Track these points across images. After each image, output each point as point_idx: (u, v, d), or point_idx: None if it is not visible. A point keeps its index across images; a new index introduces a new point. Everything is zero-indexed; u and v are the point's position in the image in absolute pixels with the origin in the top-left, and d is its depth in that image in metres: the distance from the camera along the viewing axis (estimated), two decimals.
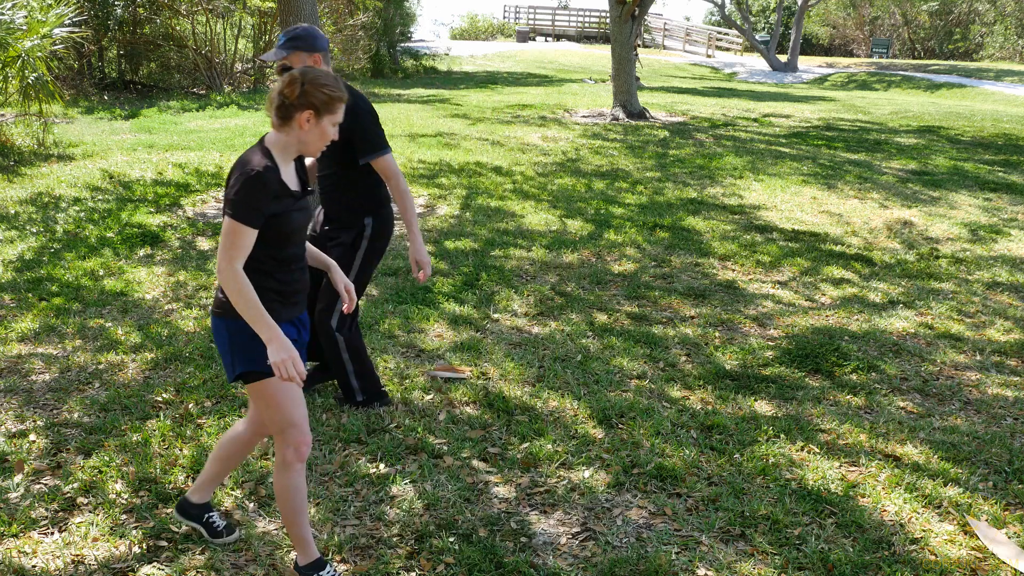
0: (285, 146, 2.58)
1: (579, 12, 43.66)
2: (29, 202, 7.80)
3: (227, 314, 2.58)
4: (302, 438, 2.65)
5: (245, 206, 2.45)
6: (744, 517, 3.19)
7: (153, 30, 18.85)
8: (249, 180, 2.46)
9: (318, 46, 3.46)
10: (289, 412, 2.62)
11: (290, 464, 2.65)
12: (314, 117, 2.53)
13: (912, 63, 33.22)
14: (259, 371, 2.57)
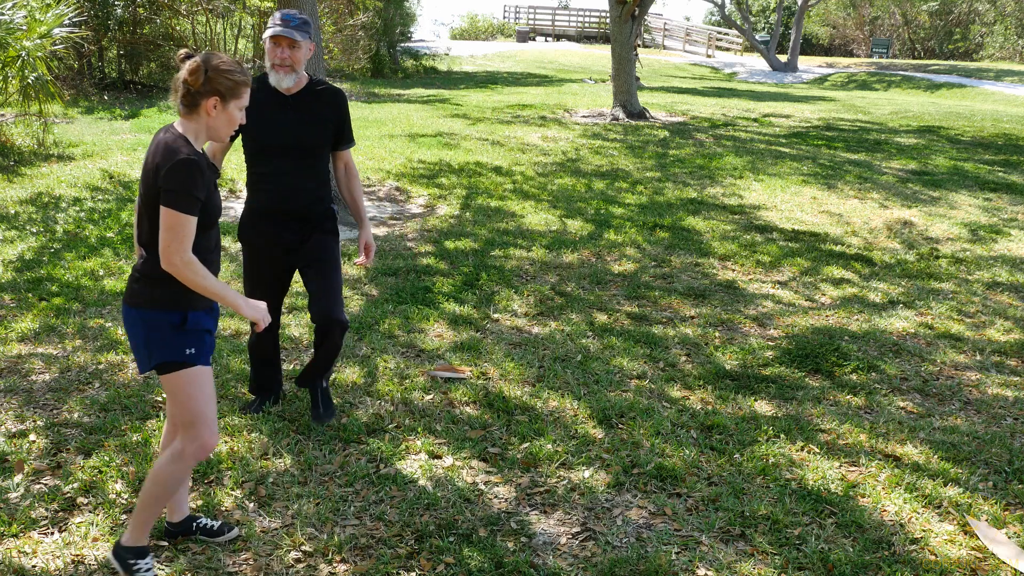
0: (196, 133, 2.59)
1: (579, 12, 43.66)
2: (29, 202, 7.80)
3: (144, 305, 2.57)
4: (210, 437, 2.64)
5: (187, 195, 2.46)
6: (744, 517, 3.19)
7: (153, 30, 18.85)
8: (185, 168, 2.46)
9: (314, 36, 3.57)
10: (202, 406, 2.62)
11: (186, 459, 2.64)
12: (220, 103, 2.55)
13: (912, 63, 33.22)
14: (177, 361, 2.58)
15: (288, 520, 3.15)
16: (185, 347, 2.59)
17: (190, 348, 2.61)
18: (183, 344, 2.59)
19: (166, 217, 2.47)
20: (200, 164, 2.50)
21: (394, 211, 8.12)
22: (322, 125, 3.55)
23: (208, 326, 2.69)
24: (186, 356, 2.59)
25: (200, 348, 2.64)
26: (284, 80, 3.44)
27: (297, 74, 3.46)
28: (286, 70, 3.43)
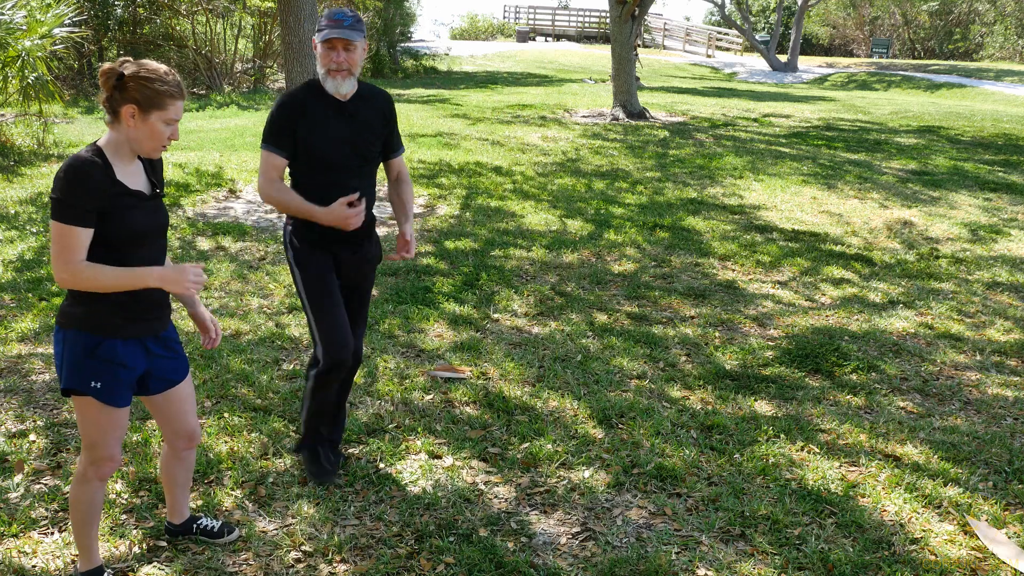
0: (117, 145, 2.40)
1: (579, 12, 43.65)
2: (29, 202, 7.80)
3: (65, 324, 2.46)
4: (109, 463, 2.57)
5: (65, 204, 2.28)
6: (744, 517, 3.19)
7: (153, 30, 18.86)
8: (68, 176, 2.29)
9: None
10: (101, 435, 2.52)
11: (89, 480, 2.60)
12: (138, 112, 2.35)
13: (912, 63, 33.23)
14: (80, 391, 2.46)
15: (288, 520, 3.15)
16: (91, 379, 2.44)
17: (96, 381, 2.45)
18: (90, 375, 2.44)
19: (52, 228, 2.32)
20: (86, 171, 2.29)
21: None
22: (375, 132, 3.22)
23: (129, 362, 2.50)
24: (90, 388, 2.45)
25: (108, 383, 2.46)
26: (343, 85, 3.09)
27: (355, 77, 3.12)
28: (344, 75, 3.08)
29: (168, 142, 2.44)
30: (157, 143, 2.42)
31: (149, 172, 2.53)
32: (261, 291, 5.70)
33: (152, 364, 2.59)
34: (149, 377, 2.61)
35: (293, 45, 7.23)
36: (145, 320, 2.53)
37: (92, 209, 2.31)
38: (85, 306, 2.43)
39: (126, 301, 2.45)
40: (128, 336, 2.49)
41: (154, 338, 2.58)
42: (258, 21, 20.00)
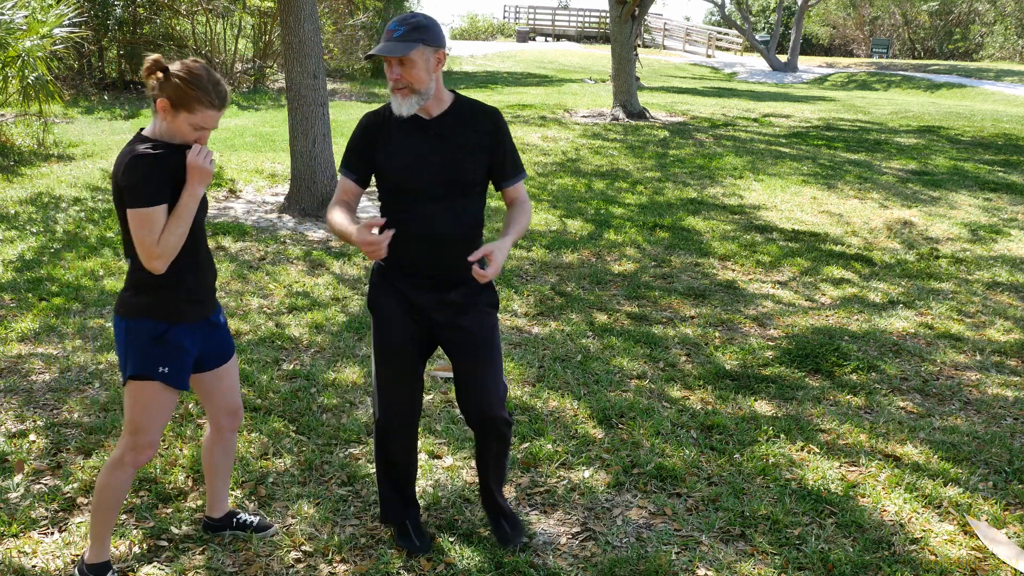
0: (161, 134, 2.50)
1: (579, 12, 43.65)
2: (29, 202, 7.80)
3: (127, 315, 2.53)
4: (150, 449, 2.62)
5: (143, 188, 2.37)
6: (744, 517, 3.19)
7: (153, 30, 18.85)
8: (135, 162, 2.38)
9: (443, 41, 2.67)
10: (151, 421, 2.58)
11: (124, 465, 2.64)
12: (170, 108, 2.44)
13: (912, 63, 33.22)
14: (149, 375, 2.53)
15: (288, 520, 3.15)
16: (159, 365, 2.52)
17: (164, 366, 2.53)
18: (158, 360, 2.52)
19: (131, 218, 2.40)
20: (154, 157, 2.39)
21: None
22: (472, 155, 2.71)
23: (190, 346, 2.59)
24: (158, 374, 2.53)
25: (175, 369, 2.55)
26: (403, 105, 2.63)
27: (421, 95, 2.63)
28: (403, 93, 2.62)
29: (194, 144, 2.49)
30: (184, 140, 2.49)
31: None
32: (261, 291, 5.70)
33: (206, 344, 2.68)
34: (204, 358, 2.70)
35: (293, 45, 7.22)
36: (202, 302, 2.63)
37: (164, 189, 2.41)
38: (151, 295, 2.51)
39: (190, 286, 2.56)
40: (191, 320, 2.59)
41: (205, 320, 2.68)
42: (258, 21, 19.99)
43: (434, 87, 2.65)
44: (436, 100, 2.69)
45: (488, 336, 2.82)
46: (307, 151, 7.50)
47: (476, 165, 2.72)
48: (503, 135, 2.76)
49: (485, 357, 2.81)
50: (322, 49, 7.45)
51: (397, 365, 2.83)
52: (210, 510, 3.01)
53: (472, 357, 2.81)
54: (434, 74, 2.63)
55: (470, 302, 2.79)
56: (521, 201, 2.84)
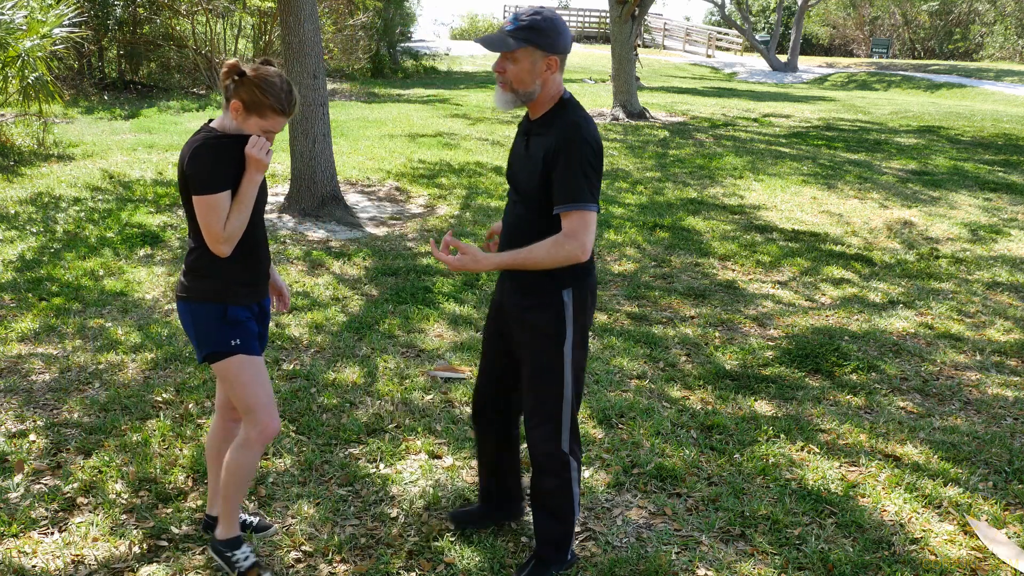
0: (227, 129, 2.58)
1: (579, 12, 43.62)
2: (29, 202, 7.80)
3: (191, 298, 2.62)
4: (269, 420, 2.67)
5: (208, 175, 2.47)
6: (744, 517, 3.19)
7: (153, 30, 18.85)
8: (201, 151, 2.48)
9: (560, 47, 2.50)
10: (254, 391, 2.65)
11: (252, 444, 2.69)
12: (242, 110, 2.53)
13: (912, 63, 33.22)
14: (223, 351, 2.62)
15: (288, 520, 3.15)
16: (230, 338, 2.62)
17: (235, 339, 2.62)
18: (228, 336, 2.62)
19: (197, 204, 2.50)
20: (215, 144, 2.49)
21: (394, 211, 8.12)
22: (533, 164, 2.56)
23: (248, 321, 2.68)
24: (231, 347, 2.62)
25: (244, 338, 2.64)
26: (499, 98, 2.57)
27: (518, 94, 2.53)
28: (503, 86, 2.54)
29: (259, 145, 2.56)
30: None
31: None
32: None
33: (259, 327, 2.78)
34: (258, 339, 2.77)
35: (293, 45, 7.22)
36: (256, 286, 2.71)
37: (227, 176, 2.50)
38: (208, 278, 2.61)
39: (246, 270, 2.65)
40: (245, 303, 2.68)
41: (259, 305, 2.76)
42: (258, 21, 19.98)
43: (540, 91, 2.53)
44: (540, 104, 2.57)
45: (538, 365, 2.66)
46: (307, 151, 7.50)
47: (533, 175, 2.55)
48: (564, 154, 2.47)
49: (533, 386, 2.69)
50: (322, 49, 7.44)
51: (483, 363, 2.91)
52: (210, 507, 3.02)
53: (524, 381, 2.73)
54: (540, 79, 2.50)
55: (518, 316, 2.68)
56: (558, 235, 2.49)
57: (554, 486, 2.73)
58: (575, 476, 2.74)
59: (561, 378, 2.65)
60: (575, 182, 2.46)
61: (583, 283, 2.64)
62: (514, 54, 2.47)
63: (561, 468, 2.71)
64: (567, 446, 2.70)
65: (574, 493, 2.76)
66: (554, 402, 2.66)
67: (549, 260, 2.49)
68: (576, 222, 2.47)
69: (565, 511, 2.76)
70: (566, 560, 2.83)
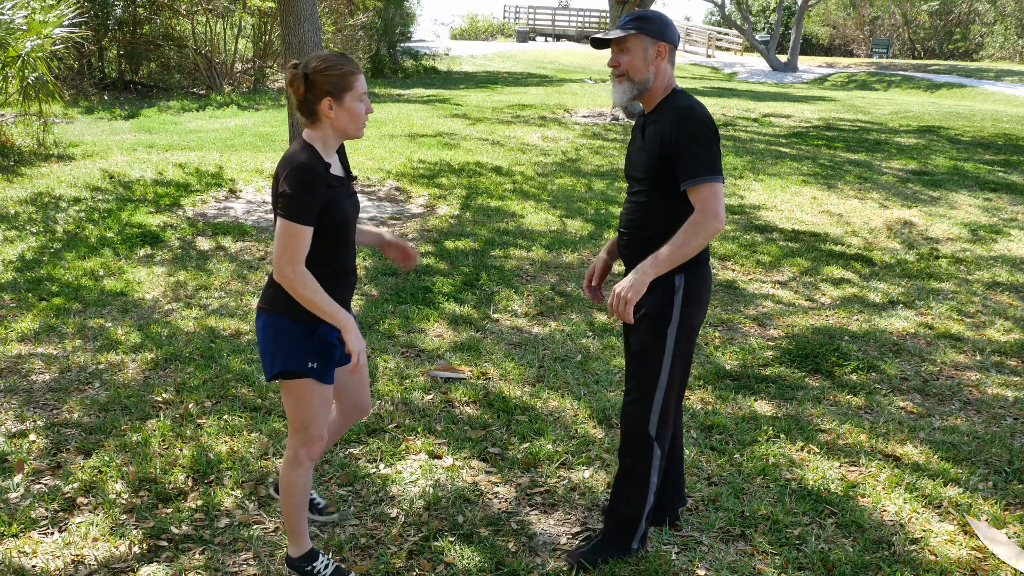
0: (324, 139, 2.53)
1: (579, 12, 43.64)
2: (29, 202, 7.80)
3: (274, 311, 2.56)
4: (319, 442, 2.68)
5: (299, 204, 2.40)
6: (744, 517, 3.19)
7: (153, 30, 18.85)
8: (300, 175, 2.41)
9: (668, 35, 2.64)
10: (316, 415, 2.63)
11: (301, 462, 2.68)
12: (334, 102, 2.48)
13: (912, 63, 33.22)
14: (298, 372, 2.56)
15: None
16: (308, 360, 2.56)
17: (313, 362, 2.56)
18: (307, 356, 2.55)
19: (280, 226, 2.43)
20: (316, 170, 2.43)
21: (394, 211, 8.13)
22: (650, 153, 2.65)
23: (337, 343, 2.63)
24: (307, 369, 2.56)
25: (324, 364, 2.59)
26: (617, 92, 2.70)
27: (636, 83, 2.64)
28: (619, 79, 2.66)
29: (366, 117, 2.55)
30: (359, 121, 2.53)
31: (342, 159, 2.68)
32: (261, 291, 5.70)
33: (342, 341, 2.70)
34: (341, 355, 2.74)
35: (293, 45, 7.22)
36: (346, 304, 2.66)
37: (318, 207, 2.44)
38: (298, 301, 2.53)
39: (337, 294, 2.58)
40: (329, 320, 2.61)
41: None
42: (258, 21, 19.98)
43: (653, 79, 2.64)
44: (652, 95, 2.68)
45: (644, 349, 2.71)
46: None
47: (653, 161, 2.64)
48: (682, 135, 2.56)
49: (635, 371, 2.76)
50: (322, 49, 7.44)
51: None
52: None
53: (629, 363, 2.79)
54: (652, 67, 2.63)
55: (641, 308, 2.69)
56: (692, 216, 2.55)
57: (631, 466, 2.79)
58: (655, 464, 2.78)
59: (660, 361, 2.71)
60: (697, 158, 2.54)
61: (696, 270, 2.70)
62: (626, 42, 2.62)
63: (643, 450, 2.76)
64: (654, 430, 2.75)
65: (651, 481, 2.80)
66: (651, 383, 2.73)
67: (695, 243, 2.54)
68: (706, 194, 2.54)
69: (637, 496, 2.81)
70: (630, 548, 2.87)
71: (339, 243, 2.56)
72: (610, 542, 2.88)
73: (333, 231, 2.51)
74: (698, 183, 2.54)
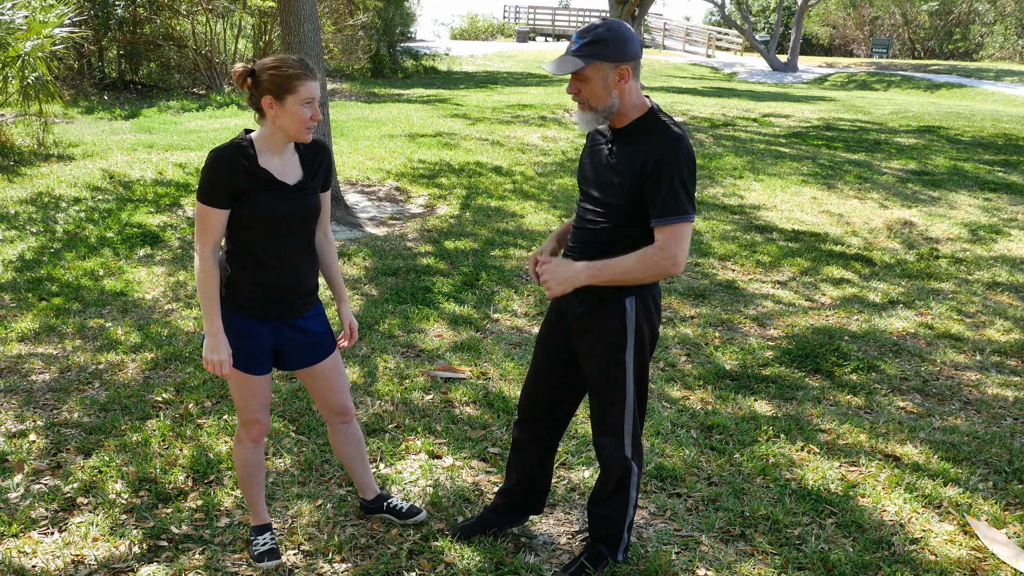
0: (268, 135, 2.59)
1: (579, 12, 43.63)
2: (29, 202, 7.80)
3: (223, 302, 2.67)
4: (256, 425, 2.80)
5: (203, 185, 2.53)
6: (744, 517, 3.19)
7: (153, 30, 18.85)
8: (209, 160, 2.52)
9: (629, 55, 2.46)
10: (246, 400, 2.75)
11: (241, 440, 2.83)
12: (274, 101, 2.53)
13: (912, 63, 33.22)
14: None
15: (288, 520, 3.15)
16: (229, 346, 2.65)
17: (231, 350, 2.65)
18: (229, 343, 2.65)
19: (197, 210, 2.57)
20: (226, 157, 2.51)
21: (394, 211, 8.13)
22: (623, 176, 2.50)
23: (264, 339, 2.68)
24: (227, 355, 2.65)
25: (240, 352, 2.66)
26: (582, 120, 2.55)
27: (599, 111, 2.50)
28: (582, 107, 2.52)
29: (312, 123, 2.56)
30: (301, 125, 2.55)
31: (306, 163, 2.68)
32: None
33: (283, 344, 2.75)
34: (283, 355, 2.78)
35: (293, 45, 7.22)
36: (268, 305, 2.68)
37: (227, 192, 2.53)
38: (226, 288, 2.66)
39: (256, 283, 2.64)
40: (269, 317, 2.69)
41: (281, 322, 2.73)
42: (258, 21, 19.98)
43: (618, 103, 2.49)
44: (622, 116, 2.53)
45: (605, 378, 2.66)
46: None
47: (624, 187, 2.49)
48: (664, 169, 2.42)
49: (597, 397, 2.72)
50: (322, 49, 7.45)
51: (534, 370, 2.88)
52: (361, 493, 3.15)
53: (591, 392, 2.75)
54: (616, 90, 2.47)
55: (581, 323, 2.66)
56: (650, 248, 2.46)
57: (613, 489, 2.78)
58: (635, 481, 2.78)
59: (624, 387, 2.66)
60: (673, 196, 2.43)
61: (646, 291, 2.62)
62: (583, 72, 2.44)
63: (623, 473, 2.75)
64: (630, 452, 2.74)
65: (631, 497, 2.80)
66: (617, 412, 2.69)
67: (640, 274, 2.47)
68: (670, 236, 2.44)
69: (619, 512, 2.81)
70: (616, 559, 2.89)
71: (263, 241, 2.60)
72: (600, 557, 2.86)
73: (249, 224, 2.58)
74: (668, 223, 2.43)
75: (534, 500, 3.04)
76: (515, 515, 3.07)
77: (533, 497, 3.03)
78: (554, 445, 2.96)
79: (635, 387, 2.67)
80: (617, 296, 2.59)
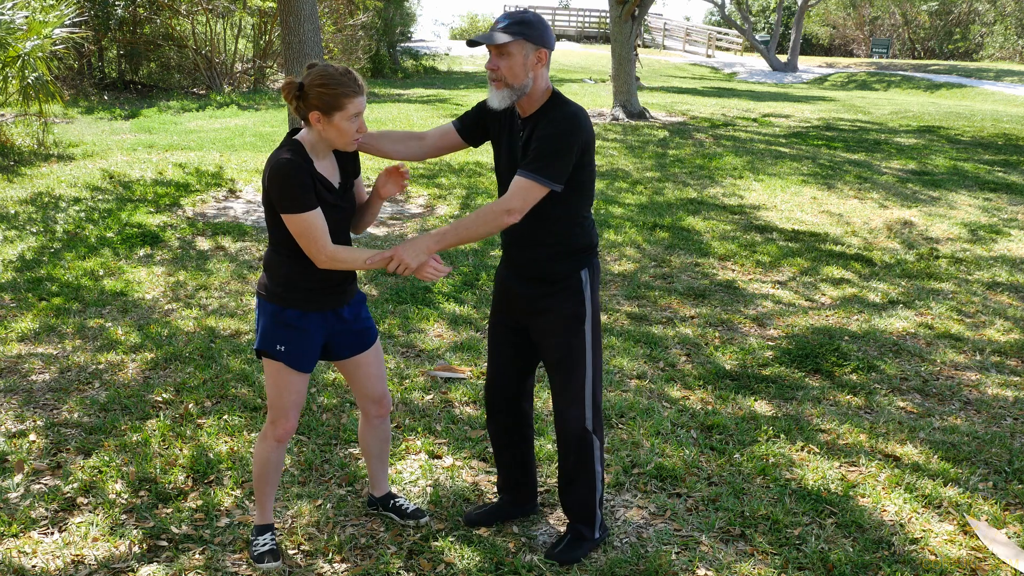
0: (316, 142, 2.63)
1: (579, 12, 43.62)
2: (29, 202, 7.80)
3: (266, 296, 2.72)
4: (284, 423, 2.80)
5: (292, 196, 2.52)
6: (744, 517, 3.19)
7: (153, 30, 18.85)
8: (282, 170, 2.52)
9: (547, 41, 2.62)
10: (282, 396, 2.77)
11: (266, 437, 2.84)
12: (322, 117, 2.56)
13: (912, 63, 33.22)
14: (269, 352, 2.72)
15: (288, 520, 3.15)
16: (277, 342, 2.70)
17: (281, 345, 2.70)
18: (276, 338, 2.70)
19: (290, 224, 2.55)
20: (295, 164, 2.53)
21: (394, 211, 8.13)
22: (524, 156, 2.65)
23: (313, 331, 2.73)
24: (276, 351, 2.70)
25: (293, 348, 2.70)
26: (495, 97, 2.63)
27: (514, 89, 2.60)
28: (496, 84, 2.61)
29: (358, 135, 2.63)
30: (347, 138, 2.62)
31: (343, 164, 2.75)
32: None
33: (333, 335, 2.80)
34: (333, 345, 2.83)
35: (293, 45, 7.22)
36: (326, 295, 2.74)
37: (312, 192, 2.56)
38: (273, 279, 2.71)
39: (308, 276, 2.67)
40: (314, 309, 2.73)
41: (333, 312, 2.78)
42: (258, 21, 19.98)
43: (531, 85, 2.61)
44: (531, 100, 2.65)
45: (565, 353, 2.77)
46: None
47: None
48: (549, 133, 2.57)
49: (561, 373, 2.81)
50: (322, 49, 7.44)
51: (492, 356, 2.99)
52: (372, 488, 3.17)
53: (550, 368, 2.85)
54: (532, 72, 2.60)
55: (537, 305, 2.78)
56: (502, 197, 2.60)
57: (575, 463, 2.87)
58: (597, 455, 2.87)
59: (583, 358, 2.79)
60: (542, 156, 2.56)
61: (594, 261, 2.79)
62: (507, 47, 2.57)
63: (583, 446, 2.85)
64: (591, 424, 2.84)
65: (596, 471, 2.88)
66: (579, 383, 2.80)
67: (482, 228, 2.59)
68: (516, 188, 2.57)
69: (588, 488, 2.90)
70: (595, 537, 2.97)
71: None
72: (582, 538, 2.96)
73: None
74: (522, 175, 2.56)
75: (527, 494, 3.16)
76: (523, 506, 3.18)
77: (525, 491, 3.15)
78: (525, 436, 3.06)
79: (592, 355, 2.80)
80: (572, 271, 2.73)
